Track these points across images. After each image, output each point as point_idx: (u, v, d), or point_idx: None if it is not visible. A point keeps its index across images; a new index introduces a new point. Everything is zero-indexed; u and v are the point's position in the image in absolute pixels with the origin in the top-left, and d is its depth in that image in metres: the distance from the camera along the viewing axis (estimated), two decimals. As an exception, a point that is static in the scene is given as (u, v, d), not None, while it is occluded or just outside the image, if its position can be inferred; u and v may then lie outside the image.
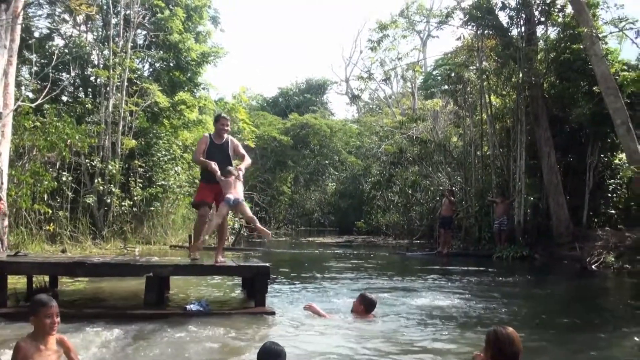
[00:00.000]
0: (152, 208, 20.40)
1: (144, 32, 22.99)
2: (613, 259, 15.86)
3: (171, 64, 23.62)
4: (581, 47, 19.07)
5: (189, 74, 24.08)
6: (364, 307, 8.00)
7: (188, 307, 8.01)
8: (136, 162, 20.05)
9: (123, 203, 19.10)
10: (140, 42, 22.70)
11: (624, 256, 15.61)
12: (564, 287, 13.41)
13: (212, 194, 9.14)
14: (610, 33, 18.99)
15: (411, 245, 24.94)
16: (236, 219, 23.20)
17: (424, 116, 30.07)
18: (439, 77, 30.27)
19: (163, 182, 20.93)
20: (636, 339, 7.34)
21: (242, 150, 9.53)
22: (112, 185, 18.89)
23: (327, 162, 43.48)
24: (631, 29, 17.33)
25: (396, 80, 46.07)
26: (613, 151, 20.72)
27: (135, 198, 19.59)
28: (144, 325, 7.09)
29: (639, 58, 19.10)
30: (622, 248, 16.18)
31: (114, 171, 18.86)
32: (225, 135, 9.43)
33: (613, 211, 20.80)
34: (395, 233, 30.67)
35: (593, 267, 16.03)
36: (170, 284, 9.75)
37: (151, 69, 24.34)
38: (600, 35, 17.98)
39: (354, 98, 52.57)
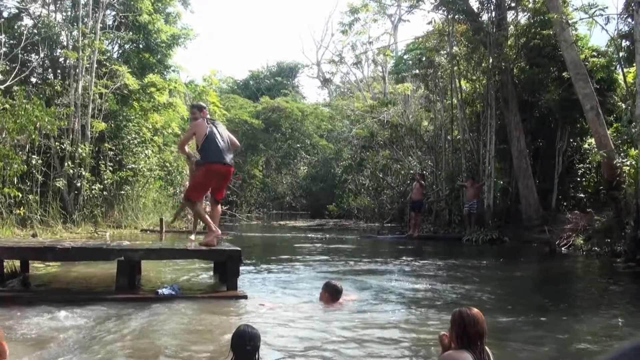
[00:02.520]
0: (123, 192, 20.22)
1: (113, 13, 22.64)
2: (582, 241, 16.13)
3: (141, 46, 23.32)
4: (551, 33, 19.23)
5: (158, 56, 23.79)
6: (329, 295, 7.92)
7: (160, 291, 7.99)
8: (106, 145, 19.82)
9: (93, 187, 18.90)
10: (109, 23, 22.37)
11: (592, 239, 15.88)
12: (533, 269, 13.63)
13: None
14: (580, 19, 19.16)
15: (382, 228, 25.07)
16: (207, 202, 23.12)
17: (394, 100, 30.22)
18: (410, 62, 30.31)
19: (133, 166, 20.75)
20: (601, 319, 7.51)
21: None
22: (82, 169, 18.68)
23: (298, 145, 43.43)
24: (601, 15, 17.51)
25: (367, 64, 46.14)
26: (582, 136, 20.99)
27: (106, 182, 19.39)
28: (115, 310, 7.08)
29: (608, 44, 19.31)
30: (591, 231, 16.45)
31: (84, 154, 18.64)
32: None
33: (582, 195, 21.12)
34: (367, 216, 30.84)
35: (562, 249, 16.32)
36: (142, 268, 9.72)
37: (120, 51, 23.99)
38: (570, 22, 18.14)
39: (326, 82, 52.50)
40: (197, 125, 9.01)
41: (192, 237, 10.21)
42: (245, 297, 8.08)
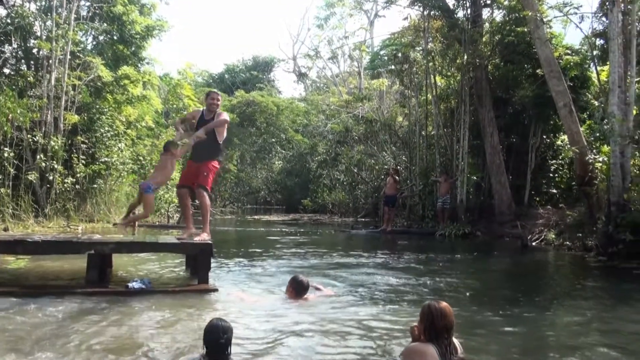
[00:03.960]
0: (96, 185, 20.00)
1: (88, 3, 22.38)
2: (554, 236, 16.37)
3: (115, 37, 23.08)
4: (526, 30, 19.39)
5: (133, 48, 23.56)
6: (293, 290, 7.76)
7: (130, 285, 7.93)
8: (79, 138, 19.55)
9: (66, 180, 18.67)
10: (83, 13, 22.09)
11: (564, 234, 16.13)
12: (505, 264, 13.75)
13: (188, 173, 9.22)
14: (555, 17, 19.33)
15: (356, 223, 25.16)
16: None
17: (370, 95, 30.33)
18: (386, 57, 30.45)
19: (106, 159, 20.51)
20: (571, 312, 7.59)
21: (218, 118, 9.16)
22: (54, 162, 18.43)
23: (273, 140, 43.32)
24: (575, 13, 17.67)
25: (343, 59, 46.27)
26: (555, 133, 21.30)
27: (78, 175, 19.18)
28: (85, 304, 7.02)
29: (582, 43, 19.50)
30: (563, 226, 16.69)
31: (57, 147, 18.40)
32: (218, 111, 9.26)
33: (554, 190, 21.39)
34: (341, 211, 31.01)
35: (534, 244, 16.49)
36: (112, 261, 9.64)
37: (94, 42, 23.72)
38: (544, 19, 18.29)
39: (301, 76, 52.50)
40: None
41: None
42: (216, 290, 8.06)
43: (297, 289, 7.73)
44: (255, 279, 9.58)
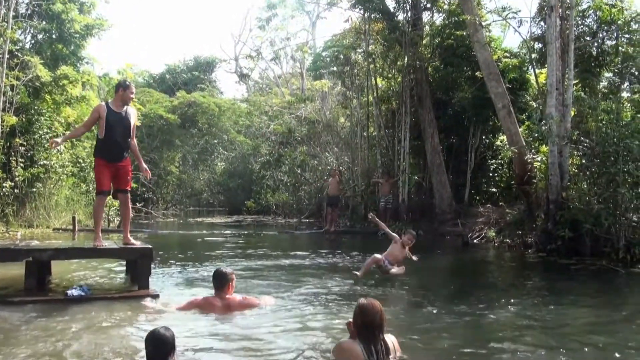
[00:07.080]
0: (35, 189, 19.58)
1: (27, 1, 21.87)
2: (494, 234, 16.75)
3: (54, 36, 22.63)
4: (465, 34, 19.77)
5: (72, 47, 23.08)
6: (214, 288, 7.23)
7: (69, 292, 7.77)
8: (17, 140, 19.12)
9: (4, 184, 18.23)
10: (22, 11, 21.58)
11: (504, 231, 16.52)
12: (447, 261, 14.00)
13: (110, 176, 8.57)
14: (494, 21, 19.80)
15: (300, 224, 25.24)
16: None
17: (312, 97, 30.43)
18: (328, 59, 30.62)
19: (45, 162, 20.10)
20: (513, 309, 7.76)
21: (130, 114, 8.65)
22: (-8, 165, 18.02)
23: (215, 141, 43.07)
24: (514, 18, 18.09)
25: (286, 61, 46.23)
26: (494, 133, 21.81)
27: (17, 179, 18.75)
28: (23, 312, 6.86)
29: (520, 46, 19.95)
30: (503, 224, 17.11)
31: (-6, 150, 18.00)
32: (131, 106, 8.73)
33: (494, 189, 21.88)
34: (285, 212, 31.06)
35: (475, 241, 16.84)
36: (52, 268, 9.43)
37: (33, 41, 23.18)
38: (483, 23, 18.69)
39: (243, 77, 52.22)
40: None
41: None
42: (157, 296, 7.97)
43: (215, 284, 7.22)
44: (196, 284, 9.49)
